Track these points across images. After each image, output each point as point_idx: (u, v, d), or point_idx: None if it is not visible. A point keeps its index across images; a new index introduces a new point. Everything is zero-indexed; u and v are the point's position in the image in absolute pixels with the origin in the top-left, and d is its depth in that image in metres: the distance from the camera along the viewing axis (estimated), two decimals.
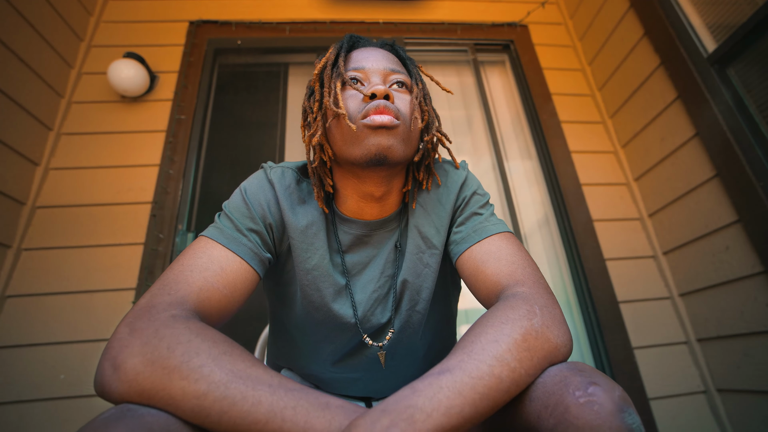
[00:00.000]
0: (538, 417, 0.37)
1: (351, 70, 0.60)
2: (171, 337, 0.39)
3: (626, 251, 1.54)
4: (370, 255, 0.66)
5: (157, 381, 0.36)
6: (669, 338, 1.42)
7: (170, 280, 0.48)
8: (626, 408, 0.35)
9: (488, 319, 0.44)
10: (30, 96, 1.39)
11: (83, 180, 1.44)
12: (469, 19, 1.92)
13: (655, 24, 1.48)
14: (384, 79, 0.60)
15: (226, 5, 1.83)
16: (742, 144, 1.21)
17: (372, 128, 0.54)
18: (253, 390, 0.36)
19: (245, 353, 0.41)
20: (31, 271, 1.30)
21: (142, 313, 0.42)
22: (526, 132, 1.82)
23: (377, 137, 0.54)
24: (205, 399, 0.35)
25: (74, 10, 1.61)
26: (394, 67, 0.62)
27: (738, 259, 1.22)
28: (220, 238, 0.55)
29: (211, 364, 0.37)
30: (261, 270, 0.57)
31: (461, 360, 0.39)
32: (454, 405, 0.35)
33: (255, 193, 0.61)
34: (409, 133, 0.58)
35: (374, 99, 0.55)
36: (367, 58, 0.61)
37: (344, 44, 0.63)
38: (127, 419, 0.33)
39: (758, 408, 1.18)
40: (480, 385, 0.37)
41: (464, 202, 0.67)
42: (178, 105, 1.60)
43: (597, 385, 0.36)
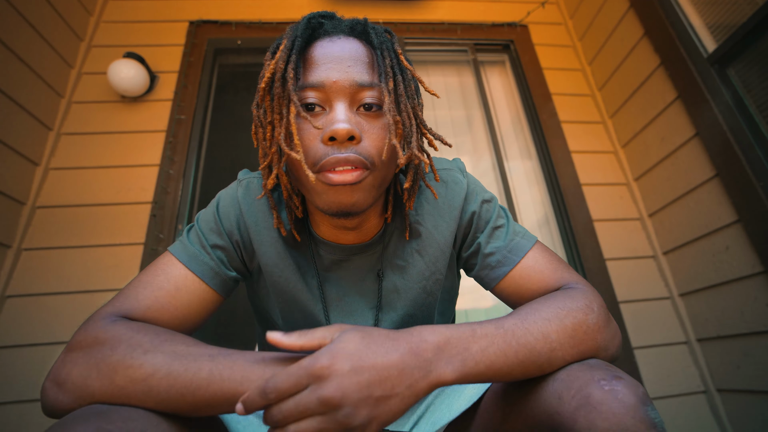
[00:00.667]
0: (559, 397, 0.39)
1: (308, 88, 0.47)
2: (112, 338, 0.41)
3: (626, 251, 1.54)
4: (349, 282, 0.59)
5: (105, 380, 0.38)
6: (669, 338, 1.42)
7: (121, 295, 0.49)
8: (649, 403, 0.36)
9: (548, 300, 0.47)
10: (30, 96, 1.39)
11: (83, 180, 1.44)
12: (469, 19, 1.92)
13: (655, 24, 1.48)
14: (351, 101, 0.47)
15: (226, 5, 1.83)
16: (742, 144, 1.21)
17: (330, 185, 0.46)
18: (194, 361, 0.39)
19: (187, 338, 0.44)
20: (31, 271, 1.30)
21: (81, 328, 0.44)
22: (526, 132, 1.82)
23: (337, 194, 0.46)
24: (152, 379, 0.38)
25: (74, 10, 1.61)
26: (364, 78, 0.47)
27: (738, 259, 1.22)
28: (181, 256, 0.53)
29: (154, 350, 0.40)
30: (223, 290, 0.55)
31: (515, 324, 0.43)
32: (496, 362, 0.40)
33: (225, 207, 0.57)
34: (384, 172, 0.49)
35: (334, 141, 0.45)
36: (331, 62, 0.47)
37: (299, 36, 0.48)
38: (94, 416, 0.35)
39: (758, 408, 1.18)
40: (522, 353, 0.41)
41: (476, 218, 0.59)
42: (178, 105, 1.60)
43: (622, 379, 0.37)
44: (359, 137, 0.46)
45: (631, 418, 0.34)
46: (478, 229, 0.59)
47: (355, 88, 0.47)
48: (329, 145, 0.46)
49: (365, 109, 0.48)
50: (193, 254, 0.53)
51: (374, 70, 0.49)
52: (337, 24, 0.52)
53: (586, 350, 0.44)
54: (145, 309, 0.48)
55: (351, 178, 0.45)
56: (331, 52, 0.48)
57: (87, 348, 0.41)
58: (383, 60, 0.49)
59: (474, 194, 0.60)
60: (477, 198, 0.60)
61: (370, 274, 0.59)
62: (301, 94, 0.48)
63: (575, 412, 0.36)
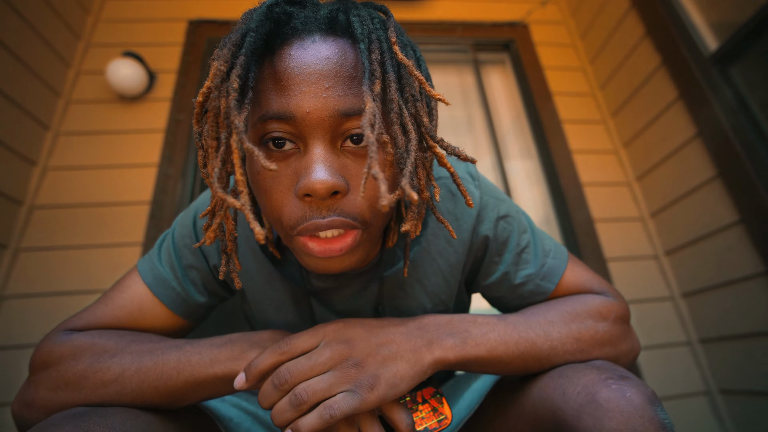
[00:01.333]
0: (563, 393, 0.37)
1: (272, 119, 0.34)
2: (72, 350, 0.41)
3: (627, 251, 1.54)
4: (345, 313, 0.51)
5: (74, 389, 0.38)
6: (671, 339, 1.42)
7: (82, 311, 0.47)
8: (658, 404, 0.35)
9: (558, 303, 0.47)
10: (27, 95, 1.38)
11: (81, 180, 1.44)
12: (470, 19, 1.91)
13: (657, 23, 1.47)
14: (333, 135, 0.35)
15: (225, 4, 1.82)
16: (744, 144, 1.20)
17: (312, 255, 0.36)
18: (162, 355, 0.39)
19: (153, 336, 0.44)
20: (28, 272, 1.29)
21: (36, 350, 0.43)
22: (527, 131, 1.81)
23: (323, 263, 0.37)
24: (123, 378, 0.38)
25: (72, 9, 1.60)
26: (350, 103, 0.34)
27: (740, 259, 1.21)
28: (147, 276, 0.47)
29: (120, 352, 0.40)
30: (191, 317, 0.49)
31: (517, 319, 0.43)
32: (497, 348, 0.40)
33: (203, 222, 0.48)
34: (383, 221, 0.39)
35: (309, 198, 0.34)
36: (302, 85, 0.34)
37: (252, 29, 0.33)
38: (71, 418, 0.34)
39: (761, 409, 1.17)
40: (523, 345, 0.41)
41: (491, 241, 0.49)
42: (177, 104, 1.59)
43: (629, 379, 0.36)
44: (345, 189, 0.34)
45: (640, 418, 0.33)
46: (498, 254, 0.50)
47: (338, 119, 0.34)
48: (306, 203, 0.35)
49: (353, 143, 0.36)
50: (160, 277, 0.47)
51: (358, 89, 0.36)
52: (311, 16, 0.37)
53: (590, 357, 0.43)
54: (104, 326, 0.45)
55: (339, 249, 0.35)
56: (302, 67, 0.34)
57: (48, 365, 0.41)
58: (369, 56, 0.35)
59: (487, 210, 0.50)
60: (490, 215, 0.50)
61: (365, 306, 0.51)
62: (263, 126, 0.35)
63: (580, 409, 0.34)
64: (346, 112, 0.34)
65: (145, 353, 0.40)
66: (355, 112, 0.34)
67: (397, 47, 0.37)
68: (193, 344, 0.40)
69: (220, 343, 0.40)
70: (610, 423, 0.33)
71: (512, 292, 0.50)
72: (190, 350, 0.40)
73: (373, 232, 0.39)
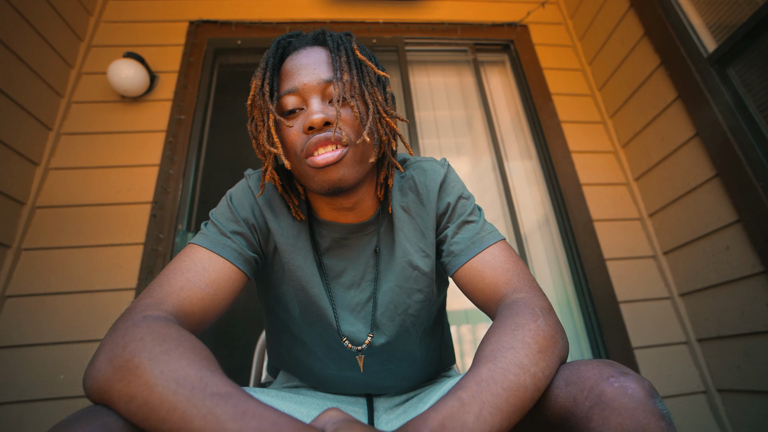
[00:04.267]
0: (574, 400, 0.40)
1: (285, 95, 0.56)
2: (130, 336, 0.40)
3: (626, 251, 1.54)
4: (349, 258, 0.65)
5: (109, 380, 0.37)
6: (669, 338, 1.42)
7: (155, 284, 0.50)
8: (656, 395, 0.38)
9: (500, 328, 0.47)
10: (30, 96, 1.39)
11: (83, 180, 1.44)
12: (469, 19, 1.92)
13: (655, 24, 1.48)
14: (322, 95, 0.56)
15: (226, 5, 1.83)
16: (742, 144, 1.21)
17: (318, 168, 0.53)
18: (173, 395, 0.34)
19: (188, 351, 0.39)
20: (30, 271, 1.30)
21: (121, 316, 0.45)
22: (526, 132, 1.82)
23: (325, 174, 0.53)
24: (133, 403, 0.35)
25: (74, 10, 1.61)
26: (329, 75, 0.56)
27: (738, 259, 1.22)
28: (204, 242, 0.56)
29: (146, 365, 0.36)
30: (247, 269, 0.58)
31: (490, 370, 0.40)
32: (495, 422, 0.37)
33: (239, 198, 0.62)
34: (362, 149, 0.56)
35: (312, 130, 0.53)
36: (300, 69, 0.56)
37: (271, 57, 0.58)
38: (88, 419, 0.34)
39: (758, 408, 1.18)
40: (512, 397, 0.38)
41: (450, 209, 0.64)
42: (178, 105, 1.60)
43: (629, 375, 0.39)
44: (334, 122, 0.53)
45: (642, 411, 0.36)
46: (450, 220, 0.64)
47: (323, 84, 0.55)
48: (310, 134, 0.53)
49: (336, 101, 0.55)
50: (216, 240, 0.57)
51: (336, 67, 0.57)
52: (303, 38, 0.61)
53: (557, 354, 0.44)
54: (179, 289, 0.49)
55: (333, 157, 0.53)
56: (299, 62, 0.57)
57: (113, 339, 0.40)
58: (338, 58, 0.57)
59: (451, 187, 0.66)
60: (454, 192, 0.65)
61: (366, 250, 0.65)
62: (282, 102, 0.57)
63: (589, 411, 0.38)
64: (328, 79, 0.56)
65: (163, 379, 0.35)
66: (332, 80, 0.56)
67: (357, 51, 0.59)
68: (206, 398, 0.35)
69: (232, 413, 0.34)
70: (617, 420, 0.36)
71: (448, 248, 0.63)
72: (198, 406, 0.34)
73: (356, 152, 0.55)
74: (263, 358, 0.90)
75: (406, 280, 0.63)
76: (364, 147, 0.56)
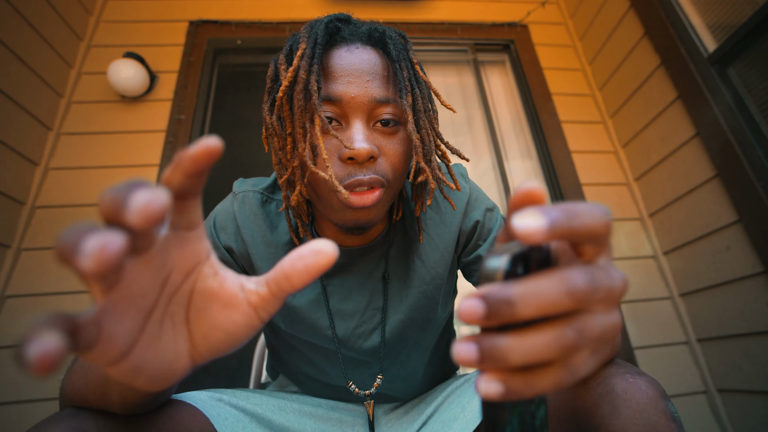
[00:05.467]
0: (584, 383, 0.39)
1: (324, 101, 0.46)
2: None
3: (626, 251, 1.54)
4: (353, 284, 0.57)
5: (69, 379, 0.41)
6: (669, 338, 1.42)
7: None
8: (668, 399, 0.37)
9: None
10: (30, 96, 1.39)
11: (83, 180, 1.44)
12: (469, 19, 1.92)
13: (656, 24, 1.48)
14: (368, 117, 0.46)
15: (226, 5, 1.83)
16: (742, 144, 1.20)
17: (348, 206, 0.45)
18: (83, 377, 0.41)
19: None
20: (30, 271, 1.30)
21: None
22: (526, 132, 1.82)
23: (354, 214, 0.46)
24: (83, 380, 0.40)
25: (74, 10, 1.61)
26: (382, 93, 0.46)
27: (738, 259, 1.22)
28: None
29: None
30: None
31: None
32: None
33: (222, 222, 0.57)
34: (396, 186, 0.49)
35: (353, 160, 0.45)
36: (349, 76, 0.46)
37: (319, 42, 0.46)
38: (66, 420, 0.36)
39: (759, 408, 1.18)
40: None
41: (479, 226, 0.58)
42: (178, 105, 1.60)
43: (643, 375, 0.39)
44: (378, 156, 0.46)
45: (654, 409, 0.35)
46: (480, 238, 0.59)
47: (374, 104, 0.46)
48: (348, 165, 0.45)
49: (382, 125, 0.47)
50: None
51: (391, 83, 0.48)
52: (355, 30, 0.49)
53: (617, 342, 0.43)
54: None
55: (370, 201, 0.45)
56: (349, 64, 0.46)
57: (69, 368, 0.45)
58: (401, 72, 0.47)
59: (477, 201, 0.60)
60: (481, 206, 0.60)
61: (373, 275, 0.58)
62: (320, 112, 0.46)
63: (599, 398, 0.37)
64: (380, 99, 0.46)
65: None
66: (386, 101, 0.46)
67: (418, 67, 0.49)
68: None
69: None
70: (626, 411, 0.35)
71: None
72: None
73: (390, 193, 0.48)
74: (263, 358, 0.90)
75: (420, 311, 0.57)
76: (399, 184, 0.50)
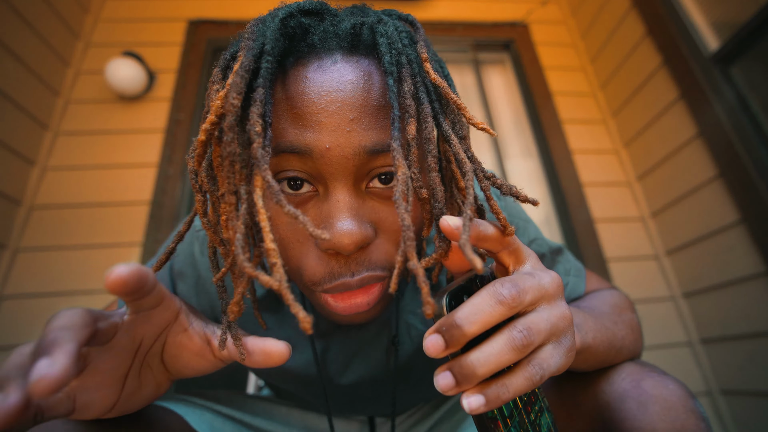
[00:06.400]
0: (608, 378, 0.38)
1: (286, 153, 0.29)
2: None
3: (628, 251, 1.53)
4: (353, 350, 0.45)
5: None
6: (672, 339, 1.41)
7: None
8: (696, 399, 0.36)
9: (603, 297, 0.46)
10: (26, 95, 1.37)
11: (80, 179, 1.43)
12: (470, 18, 1.91)
13: (657, 23, 1.47)
14: (357, 174, 0.30)
15: (225, 4, 1.82)
16: (745, 143, 1.20)
17: (335, 312, 0.33)
18: None
19: None
20: (27, 271, 1.29)
21: None
22: (527, 131, 1.81)
23: (347, 318, 0.34)
24: None
25: (71, 8, 1.60)
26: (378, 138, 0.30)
27: (742, 259, 1.21)
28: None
29: None
30: None
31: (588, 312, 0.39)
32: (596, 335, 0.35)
33: (180, 266, 0.46)
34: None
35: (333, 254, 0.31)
36: (322, 115, 0.28)
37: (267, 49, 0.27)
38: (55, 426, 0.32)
39: (763, 410, 1.17)
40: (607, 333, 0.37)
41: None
42: (176, 104, 1.59)
43: (669, 375, 0.38)
44: (373, 239, 0.31)
45: (682, 407, 0.34)
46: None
47: (363, 157, 0.29)
48: (330, 256, 0.31)
49: (381, 182, 0.31)
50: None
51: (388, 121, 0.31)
52: (330, 30, 0.31)
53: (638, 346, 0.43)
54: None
55: (366, 304, 0.32)
56: (322, 93, 0.29)
57: None
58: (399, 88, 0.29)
59: (518, 233, 0.47)
60: (522, 239, 0.47)
61: (379, 337, 0.44)
62: (275, 160, 0.29)
63: (624, 393, 0.35)
64: (374, 149, 0.29)
65: None
66: (383, 149, 0.29)
67: (428, 65, 0.31)
68: None
69: None
70: (654, 408, 0.33)
71: None
72: None
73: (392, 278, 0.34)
74: None
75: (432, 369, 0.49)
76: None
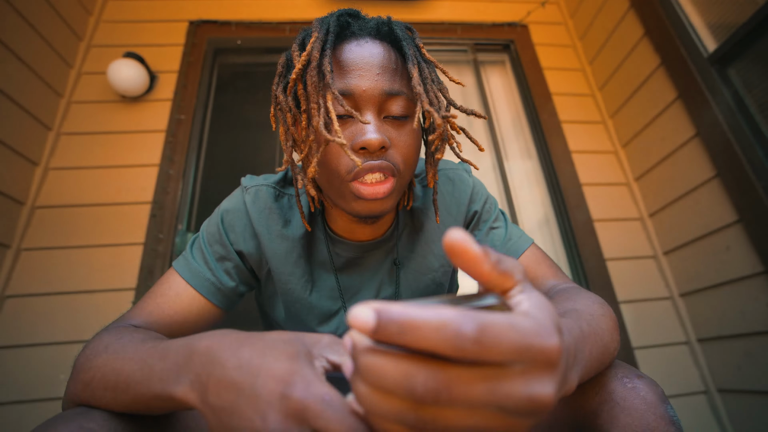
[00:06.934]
0: (582, 392, 0.39)
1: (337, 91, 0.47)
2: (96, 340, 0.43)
3: (626, 251, 1.54)
4: (364, 277, 0.60)
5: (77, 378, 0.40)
6: (669, 338, 1.42)
7: (133, 306, 0.52)
8: (667, 401, 0.37)
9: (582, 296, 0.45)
10: (29, 96, 1.38)
11: (83, 180, 1.44)
12: (469, 19, 1.92)
13: (656, 24, 1.48)
14: (379, 109, 0.47)
15: (226, 5, 1.83)
16: (742, 144, 1.20)
17: (361, 197, 0.47)
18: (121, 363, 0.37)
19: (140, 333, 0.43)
20: (30, 271, 1.30)
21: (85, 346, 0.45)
22: (526, 132, 1.82)
23: (367, 205, 0.47)
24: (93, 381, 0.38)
25: (74, 10, 1.61)
26: (393, 87, 0.47)
27: (739, 259, 1.22)
28: (183, 271, 0.54)
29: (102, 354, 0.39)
30: (225, 304, 0.56)
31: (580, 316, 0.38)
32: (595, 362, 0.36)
33: (231, 218, 0.57)
34: (407, 176, 0.51)
35: (364, 150, 0.46)
36: (360, 69, 0.47)
37: (331, 31, 0.47)
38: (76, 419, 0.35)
39: (759, 408, 1.18)
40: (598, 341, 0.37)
41: (477, 217, 0.62)
42: (177, 105, 1.60)
43: (642, 378, 0.38)
44: (389, 146, 0.47)
45: (653, 415, 0.35)
46: (476, 227, 0.62)
47: (384, 97, 0.47)
48: (360, 155, 0.46)
49: (393, 117, 0.48)
50: (196, 271, 0.54)
51: (400, 76, 0.49)
52: (364, 25, 0.50)
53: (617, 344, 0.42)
54: (148, 313, 0.50)
55: (382, 192, 0.46)
56: (359, 58, 0.47)
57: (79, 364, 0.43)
58: (408, 51, 0.49)
59: (478, 195, 0.64)
60: (480, 198, 0.63)
61: (384, 265, 0.60)
62: (334, 96, 0.46)
63: (598, 407, 0.37)
64: (390, 92, 0.47)
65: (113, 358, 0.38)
66: (396, 93, 0.47)
67: (424, 50, 0.51)
68: (138, 352, 0.37)
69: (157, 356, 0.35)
70: (626, 420, 0.35)
71: None
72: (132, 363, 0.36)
73: (401, 183, 0.50)
74: None
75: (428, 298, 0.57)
76: (409, 175, 0.51)
